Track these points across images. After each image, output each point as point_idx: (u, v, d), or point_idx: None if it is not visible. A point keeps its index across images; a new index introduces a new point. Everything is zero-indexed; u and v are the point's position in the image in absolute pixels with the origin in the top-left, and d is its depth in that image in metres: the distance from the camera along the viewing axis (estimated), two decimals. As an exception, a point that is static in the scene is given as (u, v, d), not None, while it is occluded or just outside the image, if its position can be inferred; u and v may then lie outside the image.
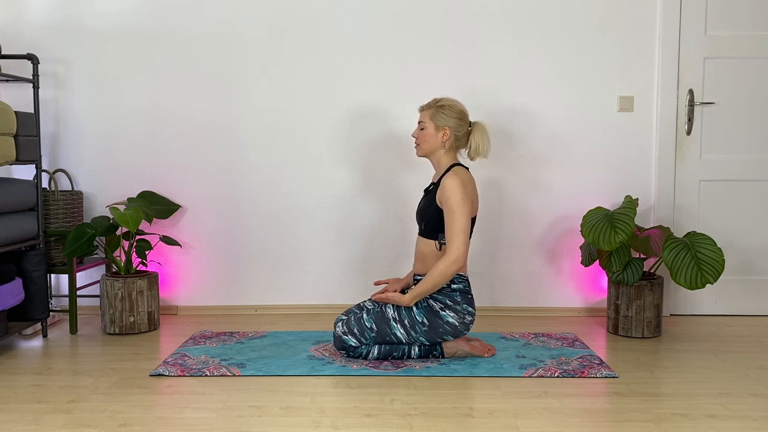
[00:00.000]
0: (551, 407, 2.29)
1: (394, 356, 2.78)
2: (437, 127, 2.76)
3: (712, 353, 2.93)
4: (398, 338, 2.75)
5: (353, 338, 2.76)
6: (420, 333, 2.72)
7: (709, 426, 2.14)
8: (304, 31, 3.51)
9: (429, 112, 2.78)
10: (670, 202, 3.55)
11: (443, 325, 2.71)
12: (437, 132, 2.76)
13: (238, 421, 2.17)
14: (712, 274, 2.94)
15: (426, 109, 2.81)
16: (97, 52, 3.53)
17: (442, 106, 2.76)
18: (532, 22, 3.49)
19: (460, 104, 2.81)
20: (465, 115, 2.81)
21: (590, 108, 3.53)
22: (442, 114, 2.75)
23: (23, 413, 2.24)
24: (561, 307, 3.62)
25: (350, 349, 2.77)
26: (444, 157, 2.80)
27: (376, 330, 2.74)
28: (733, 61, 3.50)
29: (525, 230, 3.58)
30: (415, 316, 2.72)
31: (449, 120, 2.75)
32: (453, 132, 2.76)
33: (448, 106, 2.77)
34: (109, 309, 3.21)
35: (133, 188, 3.57)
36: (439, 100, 2.79)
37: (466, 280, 2.76)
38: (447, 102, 2.78)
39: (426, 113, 2.79)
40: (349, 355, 2.79)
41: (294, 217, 3.60)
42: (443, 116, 2.75)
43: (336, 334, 2.80)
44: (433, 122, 2.76)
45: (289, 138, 3.56)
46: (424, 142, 2.79)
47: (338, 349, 2.81)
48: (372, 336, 2.75)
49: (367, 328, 2.75)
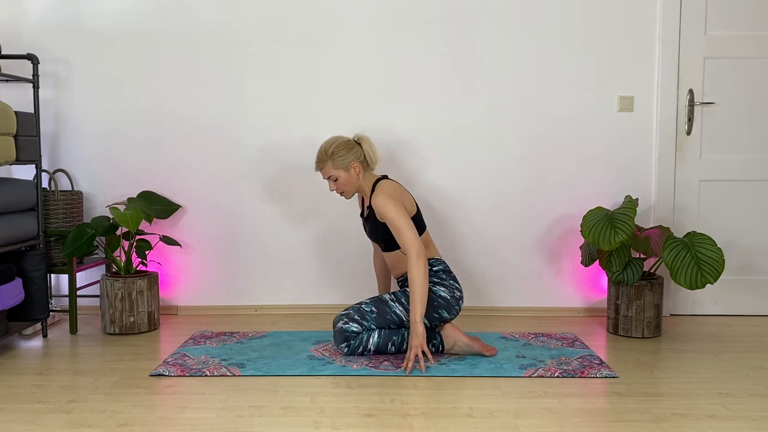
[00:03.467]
0: (551, 407, 2.29)
1: (394, 341, 2.82)
2: (345, 169, 2.86)
3: (712, 353, 2.93)
4: (398, 317, 2.84)
5: (355, 324, 2.82)
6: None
7: (709, 426, 2.14)
8: (304, 31, 3.51)
9: (328, 165, 2.86)
10: (670, 202, 3.55)
11: (437, 299, 2.84)
12: (348, 172, 2.87)
13: (238, 421, 2.17)
14: (712, 274, 2.94)
15: (323, 166, 2.87)
16: (97, 52, 3.53)
17: (333, 153, 2.84)
18: (532, 22, 3.49)
19: (337, 138, 2.90)
20: (350, 141, 2.90)
21: (590, 108, 3.53)
22: (339, 159, 2.85)
23: (23, 413, 2.24)
24: (561, 307, 3.62)
25: (352, 336, 2.81)
26: (364, 182, 2.92)
27: (376, 312, 2.84)
28: (733, 61, 3.50)
29: (525, 230, 3.58)
30: (408, 293, 2.81)
31: (347, 157, 2.85)
32: (358, 161, 2.87)
33: (336, 148, 2.85)
34: (109, 309, 3.21)
35: (133, 188, 3.57)
36: (327, 150, 2.85)
37: (443, 262, 2.93)
38: (331, 146, 2.86)
39: (327, 169, 2.87)
40: (350, 346, 2.81)
41: (294, 217, 3.60)
42: (341, 159, 2.85)
43: (336, 327, 2.83)
44: (339, 169, 2.86)
45: (289, 138, 3.56)
46: (347, 186, 2.90)
47: (339, 344, 2.83)
48: (373, 317, 2.83)
49: (368, 312, 2.84)
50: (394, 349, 2.84)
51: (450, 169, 3.55)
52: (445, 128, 3.54)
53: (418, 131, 3.54)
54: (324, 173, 2.89)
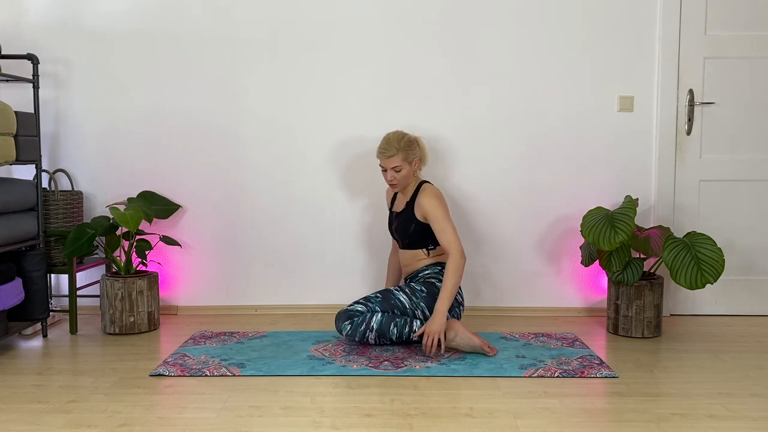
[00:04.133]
0: (551, 407, 2.29)
1: (396, 323, 2.89)
2: (410, 163, 3.01)
3: (712, 353, 2.93)
4: (402, 304, 2.96)
5: (359, 305, 2.96)
6: (420, 299, 2.96)
7: (709, 426, 2.14)
8: (304, 31, 3.51)
9: (401, 155, 2.97)
10: (670, 202, 3.55)
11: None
12: (411, 166, 3.02)
13: (238, 421, 2.17)
14: (712, 274, 2.94)
15: (395, 153, 2.97)
16: (97, 52, 3.53)
17: (406, 146, 2.98)
18: (532, 21, 3.49)
19: (404, 133, 3.05)
20: (413, 137, 3.06)
21: (590, 108, 3.53)
22: (410, 152, 2.99)
23: (23, 413, 2.24)
24: (561, 307, 3.62)
25: (356, 315, 2.90)
26: (413, 180, 3.08)
27: (381, 297, 2.97)
28: (733, 61, 3.50)
29: (525, 230, 3.58)
30: (414, 285, 3.01)
31: (415, 152, 3.03)
32: (417, 158, 3.04)
33: (407, 141, 3.00)
34: (109, 309, 3.21)
35: (133, 188, 3.57)
36: (400, 140, 2.98)
37: None
38: (405, 138, 3.00)
39: (398, 157, 2.97)
40: (353, 323, 2.90)
41: (294, 217, 3.60)
42: (411, 153, 3.00)
43: (341, 311, 2.97)
44: (406, 162, 2.99)
45: (289, 137, 3.56)
46: (405, 180, 3.02)
47: (342, 322, 2.93)
48: (378, 301, 2.96)
49: (372, 296, 2.99)
50: (396, 332, 2.89)
51: (449, 169, 3.55)
52: (445, 128, 3.54)
53: (417, 131, 3.54)
54: (390, 162, 2.98)
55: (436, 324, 2.78)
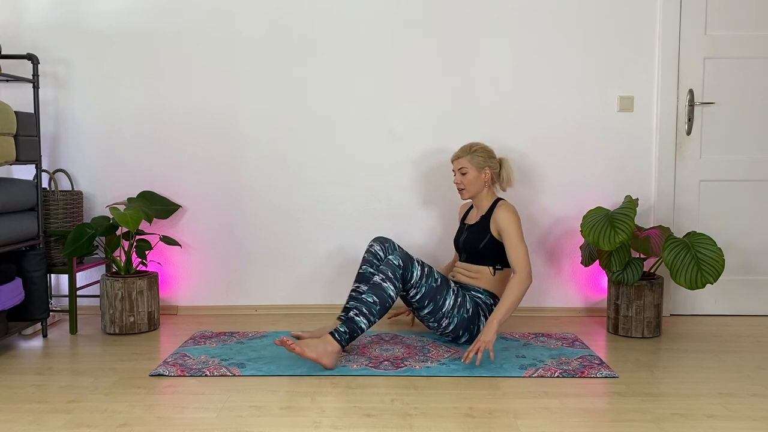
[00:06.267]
0: (551, 407, 2.29)
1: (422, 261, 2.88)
2: (478, 170, 3.03)
3: (712, 353, 2.93)
4: (446, 302, 2.88)
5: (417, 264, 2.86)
6: (459, 314, 2.90)
7: (709, 426, 2.14)
8: (304, 29, 3.51)
9: (467, 157, 3.04)
10: (670, 202, 3.55)
11: (476, 326, 2.96)
12: (480, 173, 3.03)
13: (238, 421, 2.17)
14: (712, 274, 2.94)
15: (463, 155, 3.06)
16: (97, 52, 3.53)
17: (477, 150, 3.04)
18: (532, 21, 3.49)
19: (487, 145, 3.11)
20: (494, 153, 3.11)
21: (590, 108, 3.53)
22: (479, 157, 3.04)
23: (23, 413, 2.24)
24: (561, 307, 3.62)
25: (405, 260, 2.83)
26: (487, 194, 3.09)
27: (440, 280, 2.89)
28: (733, 61, 3.50)
29: (525, 230, 3.58)
30: (466, 301, 2.93)
31: (487, 161, 3.05)
32: (492, 171, 3.05)
33: (481, 149, 3.05)
34: (109, 309, 3.21)
35: (133, 188, 3.57)
36: (473, 146, 3.06)
37: None
38: (479, 146, 3.06)
39: (464, 159, 3.05)
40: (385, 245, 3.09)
41: (294, 217, 3.60)
42: (480, 159, 3.04)
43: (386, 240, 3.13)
44: (474, 166, 3.03)
45: (289, 137, 3.57)
46: (471, 185, 3.05)
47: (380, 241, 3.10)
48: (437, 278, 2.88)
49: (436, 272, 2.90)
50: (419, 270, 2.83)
51: (449, 169, 3.55)
52: (445, 128, 3.54)
53: (417, 131, 3.54)
54: (458, 163, 3.06)
55: (491, 334, 2.70)
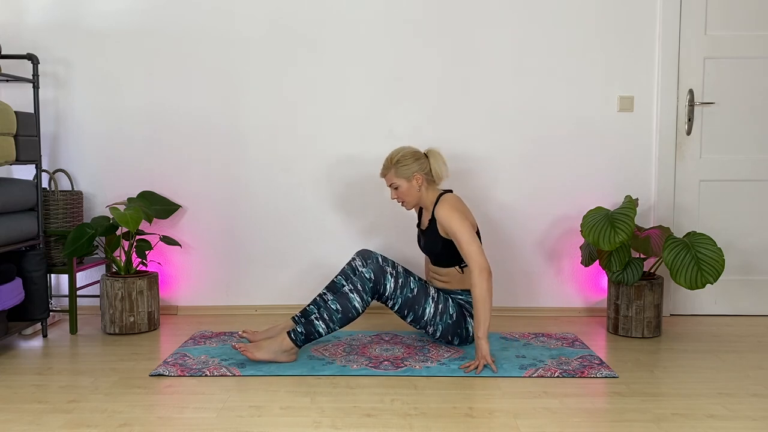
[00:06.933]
0: (551, 407, 2.29)
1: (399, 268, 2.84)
2: (408, 179, 2.89)
3: (712, 353, 2.93)
4: (424, 311, 2.82)
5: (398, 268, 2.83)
6: (443, 321, 2.86)
7: (709, 426, 2.14)
8: (304, 29, 3.51)
9: (392, 171, 2.90)
10: (670, 202, 3.55)
11: (464, 329, 2.90)
12: (410, 182, 2.90)
13: (238, 421, 2.17)
14: (712, 274, 2.94)
15: (387, 171, 2.92)
16: (97, 52, 3.53)
17: (399, 161, 2.88)
18: (532, 21, 3.49)
19: (407, 148, 2.94)
20: (418, 152, 2.93)
21: (590, 108, 3.53)
22: (403, 167, 2.88)
23: (23, 413, 2.24)
24: (561, 307, 3.62)
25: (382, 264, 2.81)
26: (427, 196, 2.94)
27: (419, 286, 2.83)
28: (733, 61, 3.50)
29: (525, 230, 3.58)
30: (449, 306, 2.86)
31: (411, 167, 2.88)
32: (422, 173, 2.89)
33: (403, 157, 2.89)
34: (109, 309, 3.21)
35: (133, 188, 3.57)
36: (393, 157, 2.90)
37: None
38: (400, 154, 2.90)
39: (390, 175, 2.91)
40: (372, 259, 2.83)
41: (294, 217, 3.60)
42: (404, 168, 2.88)
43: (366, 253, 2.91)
44: (402, 178, 2.89)
45: (289, 137, 3.56)
46: (407, 196, 2.92)
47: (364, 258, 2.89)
48: (416, 282, 2.82)
49: (414, 278, 2.84)
50: (392, 282, 2.79)
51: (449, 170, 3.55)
52: (445, 128, 3.54)
53: (417, 131, 3.54)
54: (387, 180, 2.94)
55: (484, 350, 2.64)
